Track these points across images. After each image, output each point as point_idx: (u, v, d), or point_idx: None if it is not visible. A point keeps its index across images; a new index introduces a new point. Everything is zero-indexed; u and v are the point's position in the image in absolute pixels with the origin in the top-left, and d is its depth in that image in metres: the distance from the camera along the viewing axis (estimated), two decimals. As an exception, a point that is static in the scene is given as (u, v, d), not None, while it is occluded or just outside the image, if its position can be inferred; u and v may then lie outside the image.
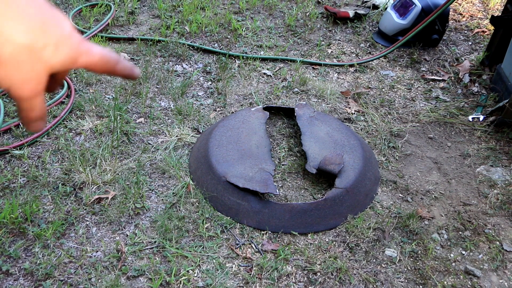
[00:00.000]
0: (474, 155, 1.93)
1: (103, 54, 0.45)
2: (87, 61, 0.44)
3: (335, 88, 2.27)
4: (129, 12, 2.74)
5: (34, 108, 0.43)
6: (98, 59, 0.45)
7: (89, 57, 0.44)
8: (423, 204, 1.70)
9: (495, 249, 1.55)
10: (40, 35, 0.39)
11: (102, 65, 0.46)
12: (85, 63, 0.44)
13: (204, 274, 1.42)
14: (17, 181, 1.65)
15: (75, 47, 0.42)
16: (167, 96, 2.12)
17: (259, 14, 2.86)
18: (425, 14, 2.48)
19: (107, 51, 0.46)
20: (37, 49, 0.39)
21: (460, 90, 2.32)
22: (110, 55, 0.46)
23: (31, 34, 0.38)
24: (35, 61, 0.39)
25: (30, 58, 0.39)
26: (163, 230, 1.52)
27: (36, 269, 1.38)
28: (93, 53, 0.45)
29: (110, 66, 0.46)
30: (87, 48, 0.44)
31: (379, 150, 1.92)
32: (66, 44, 0.41)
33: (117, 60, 0.47)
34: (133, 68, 0.49)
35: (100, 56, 0.45)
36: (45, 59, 0.40)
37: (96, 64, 0.45)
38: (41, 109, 0.44)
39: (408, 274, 1.46)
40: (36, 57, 0.39)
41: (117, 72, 0.47)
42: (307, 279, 1.43)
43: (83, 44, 0.43)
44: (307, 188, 1.73)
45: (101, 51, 0.45)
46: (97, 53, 0.45)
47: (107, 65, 0.46)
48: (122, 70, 0.48)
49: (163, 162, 1.77)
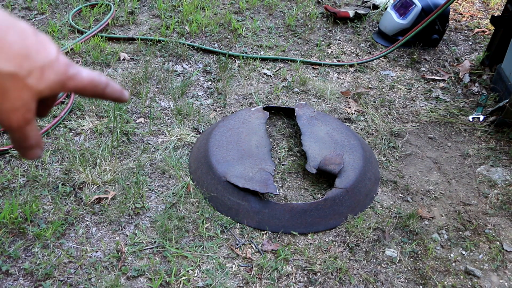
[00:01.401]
0: (474, 155, 1.93)
1: (92, 77, 0.44)
2: (76, 85, 0.43)
3: (335, 88, 2.27)
4: (129, 12, 2.74)
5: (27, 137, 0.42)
6: (87, 82, 0.44)
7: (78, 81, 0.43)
8: (423, 204, 1.70)
9: (495, 249, 1.55)
10: (23, 61, 0.38)
11: (92, 89, 0.44)
12: (74, 87, 0.43)
13: (204, 274, 1.41)
14: (17, 181, 1.65)
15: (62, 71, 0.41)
16: (167, 96, 2.12)
17: (259, 14, 2.86)
18: (425, 14, 2.48)
19: (96, 74, 0.45)
20: (21, 76, 0.38)
21: (460, 90, 2.32)
22: (99, 78, 0.45)
23: (13, 62, 0.37)
24: (21, 89, 0.38)
25: (15, 86, 0.38)
26: (163, 230, 1.52)
27: (36, 269, 1.38)
28: (82, 76, 0.43)
29: (100, 89, 0.45)
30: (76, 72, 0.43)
31: (379, 150, 1.92)
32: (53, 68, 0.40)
33: (106, 83, 0.46)
34: (123, 91, 0.48)
35: (89, 80, 0.44)
36: (31, 86, 0.39)
37: (86, 88, 0.44)
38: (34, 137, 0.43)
39: (408, 274, 1.46)
40: (21, 84, 0.38)
41: (106, 95, 0.46)
42: (307, 279, 1.42)
43: (71, 67, 0.42)
44: (307, 188, 1.72)
45: (90, 75, 0.44)
46: (86, 76, 0.44)
47: (96, 89, 0.45)
48: (111, 94, 0.46)
49: (163, 162, 1.77)
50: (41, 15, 2.65)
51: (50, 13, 2.67)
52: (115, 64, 2.29)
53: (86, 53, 2.33)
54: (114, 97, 0.47)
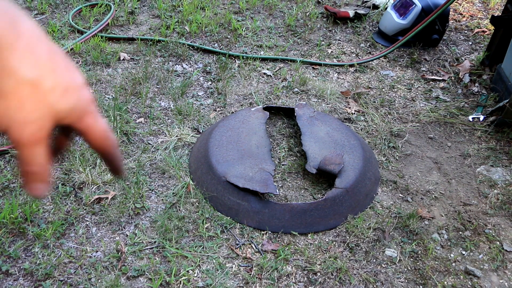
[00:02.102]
0: (474, 155, 1.93)
1: (107, 129, 0.42)
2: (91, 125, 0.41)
3: (335, 88, 2.27)
4: (129, 12, 2.74)
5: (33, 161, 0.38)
6: (101, 129, 0.42)
7: (94, 122, 0.41)
8: (423, 204, 1.70)
9: (495, 249, 1.55)
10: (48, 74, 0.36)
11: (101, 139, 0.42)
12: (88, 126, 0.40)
13: (204, 274, 1.41)
14: (17, 181, 1.65)
15: (84, 102, 0.39)
16: (167, 96, 2.12)
17: (259, 14, 2.86)
18: (425, 14, 2.48)
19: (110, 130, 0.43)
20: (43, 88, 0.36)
21: (460, 90, 2.32)
22: (112, 135, 0.43)
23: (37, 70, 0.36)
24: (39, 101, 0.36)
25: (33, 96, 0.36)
26: (163, 230, 1.52)
27: (36, 269, 1.38)
28: (99, 120, 0.41)
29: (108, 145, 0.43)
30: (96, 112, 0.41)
31: (379, 150, 1.92)
32: (77, 94, 0.38)
33: (116, 145, 0.44)
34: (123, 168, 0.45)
35: (104, 129, 0.42)
36: (51, 102, 0.37)
37: (96, 135, 0.41)
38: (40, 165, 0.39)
39: (408, 274, 1.46)
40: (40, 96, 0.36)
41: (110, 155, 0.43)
42: (307, 279, 1.42)
43: (92, 105, 0.40)
44: (307, 188, 1.72)
45: (106, 125, 0.42)
46: (102, 124, 0.42)
47: (105, 142, 0.42)
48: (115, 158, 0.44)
49: (163, 162, 1.77)
50: (41, 15, 2.64)
51: (50, 13, 2.67)
52: (115, 64, 2.29)
53: (86, 53, 2.33)
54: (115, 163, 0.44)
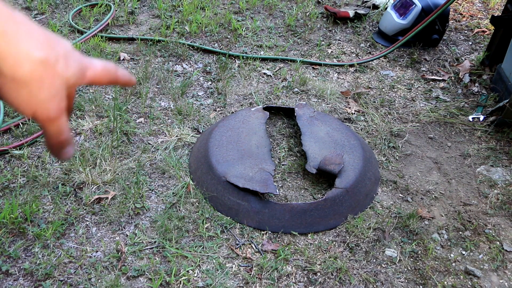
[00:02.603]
0: (474, 155, 1.93)
1: (103, 64, 0.47)
2: (94, 72, 0.45)
3: (335, 88, 2.27)
4: (129, 12, 2.74)
5: (62, 130, 0.44)
6: (101, 69, 0.46)
7: (93, 68, 0.45)
8: (423, 204, 1.70)
9: (495, 249, 1.55)
10: (49, 49, 0.40)
11: (105, 75, 0.47)
12: (92, 75, 0.45)
13: (204, 274, 1.41)
14: (17, 181, 1.65)
15: (80, 60, 0.44)
16: (167, 96, 2.12)
17: (259, 14, 2.86)
18: (425, 14, 2.48)
19: (105, 61, 0.47)
20: (51, 63, 0.40)
21: (460, 90, 2.32)
22: (109, 64, 0.48)
23: (43, 49, 0.39)
24: (53, 76, 0.40)
25: (48, 73, 0.39)
26: (163, 230, 1.52)
27: (36, 269, 1.38)
28: (96, 64, 0.46)
29: (112, 74, 0.48)
30: (90, 61, 0.45)
31: (379, 150, 1.92)
32: (72, 57, 0.42)
33: (116, 67, 0.48)
34: (130, 75, 0.51)
35: (102, 67, 0.46)
36: (60, 73, 0.41)
37: (101, 75, 0.46)
38: (68, 131, 0.44)
39: (408, 274, 1.46)
40: (52, 71, 0.40)
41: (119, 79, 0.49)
42: (307, 279, 1.42)
43: (85, 58, 0.45)
44: (307, 188, 1.72)
45: (101, 62, 0.47)
46: (99, 64, 0.46)
47: (109, 74, 0.47)
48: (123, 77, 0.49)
49: (163, 162, 1.77)
50: (41, 15, 2.65)
51: (50, 13, 2.67)
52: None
53: (86, 53, 2.33)
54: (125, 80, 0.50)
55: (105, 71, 0.47)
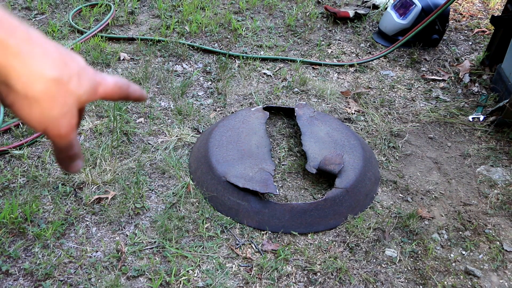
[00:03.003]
0: (474, 155, 1.93)
1: (116, 80, 0.47)
2: (105, 89, 0.46)
3: (335, 88, 2.27)
4: (129, 12, 2.74)
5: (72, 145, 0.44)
6: (113, 86, 0.47)
7: (105, 85, 0.46)
8: (423, 204, 1.70)
9: (495, 249, 1.55)
10: (63, 68, 0.40)
11: (117, 91, 0.47)
12: (104, 92, 0.46)
13: (204, 274, 1.41)
14: (17, 181, 1.65)
15: (93, 77, 0.44)
16: (167, 96, 2.12)
17: (259, 14, 2.86)
18: (425, 14, 2.48)
19: (118, 77, 0.48)
20: (64, 82, 0.40)
21: (460, 90, 2.32)
22: (121, 80, 0.48)
23: (56, 68, 0.40)
24: (65, 94, 0.41)
25: (60, 92, 0.40)
26: (163, 230, 1.52)
27: (36, 269, 1.38)
28: (108, 81, 0.46)
29: (124, 90, 0.48)
30: (102, 77, 0.46)
31: (379, 150, 1.92)
32: (86, 74, 0.43)
33: (128, 84, 0.49)
34: (142, 90, 0.51)
35: (114, 83, 0.47)
36: (73, 91, 0.41)
37: (113, 91, 0.47)
38: (78, 145, 0.45)
39: (408, 274, 1.46)
40: (65, 89, 0.40)
41: (130, 95, 0.49)
42: (307, 279, 1.42)
43: (98, 74, 0.45)
44: (307, 188, 1.72)
45: (114, 78, 0.47)
46: (111, 80, 0.47)
47: (121, 90, 0.48)
48: (134, 93, 0.50)
49: (163, 162, 1.77)
50: (41, 15, 2.65)
51: (50, 13, 2.67)
52: (115, 64, 2.29)
53: (86, 53, 2.33)
54: (136, 96, 0.50)
55: (117, 88, 0.47)
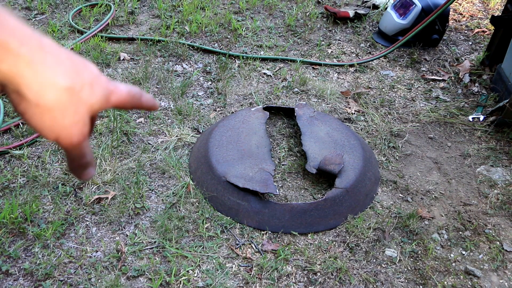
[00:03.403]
0: (474, 155, 1.93)
1: (129, 89, 0.47)
2: (117, 98, 0.45)
3: (335, 88, 2.27)
4: (129, 12, 2.74)
5: (84, 153, 0.44)
6: (126, 95, 0.46)
7: (118, 94, 0.45)
8: (423, 204, 1.70)
9: (495, 249, 1.55)
10: (76, 77, 0.40)
11: (130, 100, 0.47)
12: (116, 100, 0.45)
13: (204, 274, 1.41)
14: (17, 181, 1.65)
15: (105, 86, 0.44)
16: (167, 96, 2.12)
17: (259, 14, 2.86)
18: (425, 14, 2.48)
19: (131, 86, 0.48)
20: (76, 91, 0.40)
21: (460, 90, 2.32)
22: (134, 89, 0.48)
23: (69, 77, 0.40)
24: (77, 103, 0.40)
25: (72, 100, 0.40)
26: (163, 230, 1.52)
27: (36, 269, 1.38)
28: (121, 89, 0.46)
29: (137, 100, 0.48)
30: (115, 86, 0.45)
31: (379, 150, 1.92)
32: (98, 83, 0.43)
33: (141, 93, 0.48)
34: (154, 100, 0.51)
35: (127, 92, 0.46)
36: (85, 99, 0.41)
37: (125, 100, 0.46)
38: (90, 153, 0.45)
39: (408, 274, 1.46)
40: (77, 98, 0.40)
41: (143, 104, 0.49)
42: (307, 279, 1.43)
43: (111, 82, 0.45)
44: (307, 188, 1.72)
45: (126, 87, 0.47)
46: (124, 89, 0.46)
47: (134, 99, 0.47)
48: (147, 102, 0.49)
49: (163, 162, 1.77)
50: (41, 15, 2.65)
51: (50, 13, 2.67)
52: (115, 64, 2.29)
53: (86, 53, 2.33)
54: (149, 105, 0.50)
55: (129, 96, 0.47)
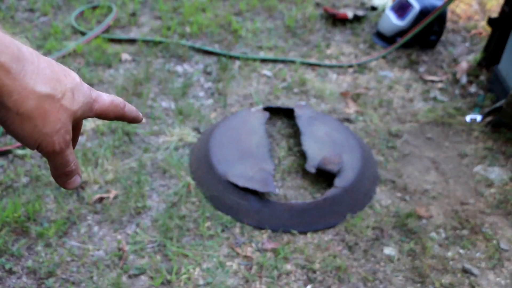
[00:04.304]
0: (471, 155, 1.95)
1: (112, 99, 0.48)
2: (100, 106, 0.46)
3: (334, 88, 2.29)
4: (130, 14, 2.76)
5: (68, 161, 0.44)
6: (108, 104, 0.47)
7: (101, 102, 0.46)
8: (421, 203, 1.72)
9: (492, 248, 1.57)
10: (56, 84, 0.41)
11: (113, 109, 0.48)
12: (99, 109, 0.46)
13: (204, 272, 1.43)
14: (20, 180, 1.67)
15: (88, 94, 0.45)
16: (168, 96, 2.14)
17: (259, 16, 2.88)
18: (423, 15, 2.50)
19: (114, 96, 0.48)
20: (57, 98, 0.41)
21: (457, 90, 2.34)
22: (117, 99, 0.48)
23: (49, 84, 0.40)
24: (58, 110, 0.41)
25: (53, 108, 0.41)
26: (164, 229, 1.54)
27: (39, 268, 1.40)
28: (104, 98, 0.47)
29: (120, 109, 0.49)
30: (98, 94, 0.46)
31: (377, 150, 1.94)
32: (80, 91, 0.44)
33: (124, 103, 0.49)
34: (138, 111, 0.52)
35: (110, 101, 0.47)
36: (67, 107, 0.42)
37: (108, 109, 0.47)
38: (74, 161, 0.45)
39: (407, 272, 1.48)
40: (58, 105, 0.41)
41: (125, 115, 0.50)
42: (306, 277, 1.44)
43: (93, 91, 0.46)
44: (307, 188, 1.74)
45: (109, 97, 0.48)
46: (107, 99, 0.47)
47: (117, 109, 0.48)
48: (129, 113, 0.50)
49: (164, 162, 1.79)
50: (44, 17, 2.67)
51: (52, 14, 2.69)
52: (116, 65, 2.31)
53: (88, 54, 2.35)
54: (132, 116, 0.51)
55: (112, 106, 0.47)
